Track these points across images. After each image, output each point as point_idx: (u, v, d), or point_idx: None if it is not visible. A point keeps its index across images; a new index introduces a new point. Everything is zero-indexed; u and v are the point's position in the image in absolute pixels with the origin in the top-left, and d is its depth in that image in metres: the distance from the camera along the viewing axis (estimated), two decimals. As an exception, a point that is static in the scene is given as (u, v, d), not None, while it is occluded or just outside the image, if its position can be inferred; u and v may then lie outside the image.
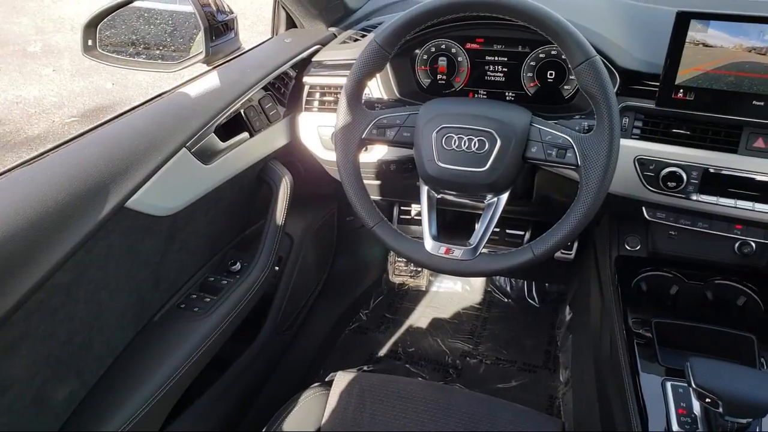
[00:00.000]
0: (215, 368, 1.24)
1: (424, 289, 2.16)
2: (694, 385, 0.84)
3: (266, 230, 1.28)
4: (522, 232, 1.61)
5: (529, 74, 1.17)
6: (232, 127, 1.19)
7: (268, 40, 1.44)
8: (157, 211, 1.02)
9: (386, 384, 1.09)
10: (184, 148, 1.05)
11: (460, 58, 1.21)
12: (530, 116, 0.96)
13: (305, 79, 1.29)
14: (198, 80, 1.17)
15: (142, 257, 1.05)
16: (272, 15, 1.46)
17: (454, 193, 1.05)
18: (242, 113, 1.20)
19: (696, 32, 0.92)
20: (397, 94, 1.23)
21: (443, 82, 1.24)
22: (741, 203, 1.02)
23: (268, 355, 1.48)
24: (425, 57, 1.23)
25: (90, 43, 1.16)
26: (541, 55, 1.15)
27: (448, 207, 1.51)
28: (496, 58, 1.19)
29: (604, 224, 1.36)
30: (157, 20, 1.25)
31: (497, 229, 1.60)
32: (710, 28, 0.91)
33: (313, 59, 1.31)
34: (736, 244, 1.18)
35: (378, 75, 1.14)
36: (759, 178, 0.99)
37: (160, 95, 1.14)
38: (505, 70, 1.19)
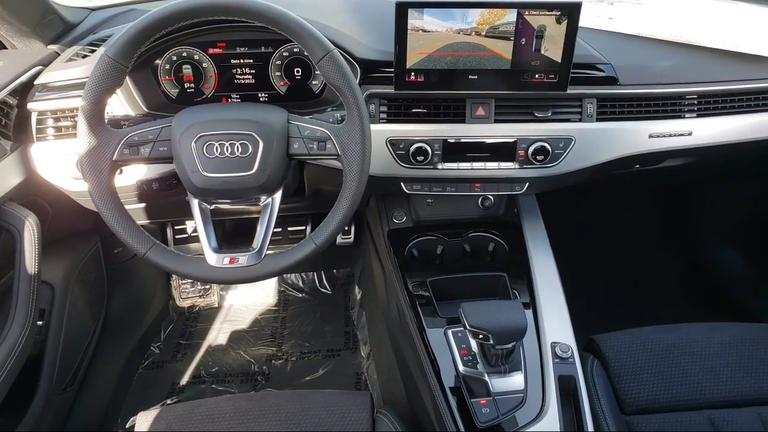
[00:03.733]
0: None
1: (216, 305, 2.09)
2: (468, 327, 0.97)
3: (16, 283, 1.11)
4: (303, 227, 1.66)
5: (278, 73, 1.20)
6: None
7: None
8: None
9: (193, 410, 1.04)
10: None
11: (205, 65, 1.18)
12: (286, 114, 0.98)
13: (30, 105, 1.14)
14: None
15: None
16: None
17: (227, 201, 1.04)
18: None
19: (415, 20, 1.04)
20: (145, 108, 1.16)
21: (192, 90, 1.20)
22: (476, 165, 1.18)
23: (49, 422, 1.30)
24: (167, 66, 1.18)
25: None
26: (285, 54, 1.18)
27: (225, 216, 1.48)
28: (242, 61, 1.19)
29: (373, 204, 1.47)
30: None
31: (279, 229, 1.62)
32: (425, 15, 1.04)
33: (36, 82, 1.16)
34: (479, 200, 1.39)
35: (119, 91, 1.06)
36: (485, 141, 1.17)
37: None
38: (254, 71, 1.20)
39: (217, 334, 1.97)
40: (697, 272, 2.08)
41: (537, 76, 1.09)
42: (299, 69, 1.20)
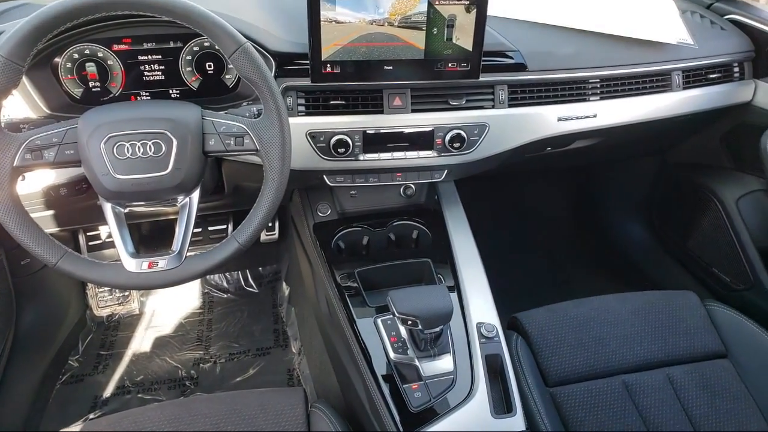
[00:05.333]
0: None
1: (137, 312, 2.00)
2: (396, 314, 0.99)
3: None
4: (225, 226, 1.62)
5: (188, 69, 1.16)
6: None
7: None
8: None
9: (118, 422, 1.00)
10: None
11: (110, 62, 1.12)
12: (200, 110, 0.95)
13: None
14: None
15: None
16: None
17: (142, 203, 1.00)
18: None
19: (327, 11, 1.04)
20: (47, 110, 1.08)
21: (98, 89, 1.14)
22: (396, 154, 1.20)
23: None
24: (69, 65, 1.11)
25: None
26: (195, 49, 1.14)
27: (141, 219, 1.42)
28: (150, 57, 1.14)
29: (296, 198, 1.46)
30: None
31: (199, 229, 1.58)
32: (337, 6, 1.03)
33: None
34: (401, 189, 1.41)
35: (15, 91, 0.99)
36: (403, 131, 1.18)
37: None
38: (163, 67, 1.15)
39: (140, 342, 1.89)
40: (608, 247, 2.21)
41: (450, 65, 1.12)
42: (211, 63, 1.16)
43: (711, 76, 1.43)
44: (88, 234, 1.56)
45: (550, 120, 1.26)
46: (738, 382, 1.19)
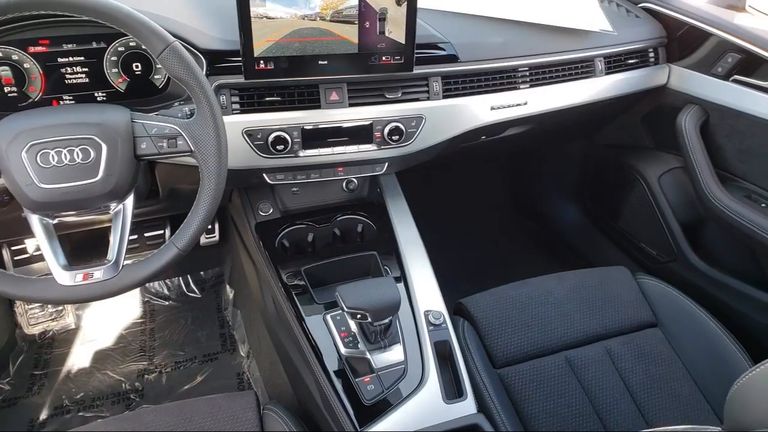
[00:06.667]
0: None
1: (73, 327, 1.91)
2: (345, 309, 0.99)
3: None
4: (162, 231, 1.57)
5: (114, 70, 1.11)
6: None
7: None
8: None
9: (61, 443, 0.96)
10: None
11: (27, 65, 1.06)
12: (129, 112, 0.92)
13: None
14: None
15: None
16: None
17: (72, 212, 0.95)
18: None
19: (257, 7, 1.02)
20: (-43, 119, 1.02)
21: (15, 94, 1.08)
22: (336, 149, 1.20)
23: None
24: (-21, 70, 1.05)
25: None
26: (120, 49, 1.10)
27: (72, 229, 1.36)
28: (71, 59, 1.08)
29: (236, 199, 1.43)
30: None
31: (135, 236, 1.52)
32: (268, 2, 1.02)
33: None
34: (344, 184, 1.41)
35: None
36: (342, 125, 1.18)
37: None
38: (86, 69, 1.10)
39: (78, 358, 1.81)
40: (544, 229, 2.30)
41: (384, 58, 1.12)
42: (138, 64, 1.12)
43: (629, 61, 1.51)
44: (13, 248, 1.48)
45: (484, 109, 1.29)
46: (668, 349, 1.27)
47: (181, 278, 2.05)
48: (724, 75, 1.45)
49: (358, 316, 1.00)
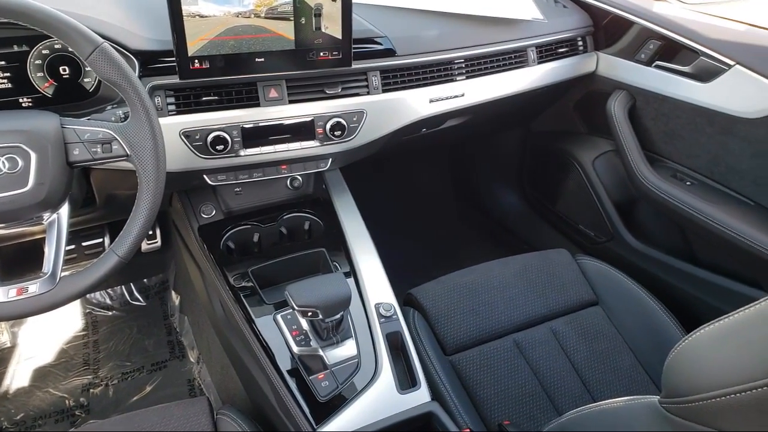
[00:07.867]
0: None
1: (8, 345, 1.82)
2: (296, 308, 0.99)
3: None
4: (101, 239, 1.52)
5: (40, 74, 1.06)
6: None
7: None
8: None
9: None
10: None
11: (-60, 71, 1.00)
12: (58, 118, 0.88)
13: None
14: None
15: None
16: None
17: (1, 225, 0.91)
18: None
19: (189, 5, 0.99)
20: None
21: (-72, 102, 1.01)
22: (279, 147, 1.18)
23: None
24: None
25: None
26: (44, 52, 1.05)
27: (3, 243, 1.29)
28: (-9, 63, 1.03)
29: (176, 202, 1.40)
30: None
31: (72, 246, 1.46)
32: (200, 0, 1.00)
33: None
34: (288, 181, 1.40)
35: None
36: (283, 122, 1.17)
37: None
38: (9, 74, 1.04)
39: (16, 377, 1.73)
40: (487, 217, 2.35)
41: (322, 54, 1.12)
42: (66, 67, 1.07)
43: (560, 50, 1.57)
44: (-63, 266, 1.39)
45: (423, 102, 1.31)
46: (609, 325, 1.33)
47: (123, 287, 1.98)
48: (647, 61, 1.52)
49: (309, 313, 1.00)
